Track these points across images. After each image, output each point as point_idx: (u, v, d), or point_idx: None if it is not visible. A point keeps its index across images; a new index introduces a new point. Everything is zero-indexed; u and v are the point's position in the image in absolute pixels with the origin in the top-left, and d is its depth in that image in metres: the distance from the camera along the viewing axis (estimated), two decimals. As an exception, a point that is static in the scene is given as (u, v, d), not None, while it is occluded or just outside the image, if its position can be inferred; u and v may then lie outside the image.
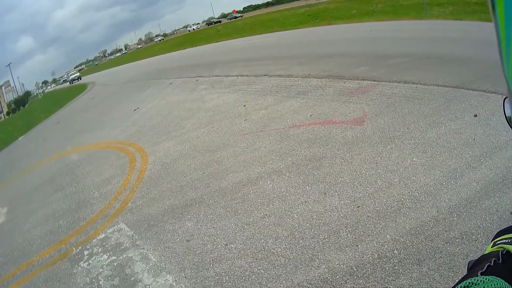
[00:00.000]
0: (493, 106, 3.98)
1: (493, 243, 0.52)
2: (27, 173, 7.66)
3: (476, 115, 3.90)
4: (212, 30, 39.64)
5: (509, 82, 0.36)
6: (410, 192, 2.90)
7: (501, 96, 0.58)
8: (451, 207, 2.60)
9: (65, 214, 4.56)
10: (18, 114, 38.44)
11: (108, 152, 6.66)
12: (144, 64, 26.49)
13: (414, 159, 3.38)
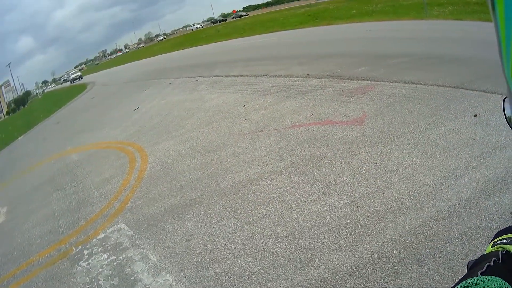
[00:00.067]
0: (493, 106, 3.98)
1: (493, 243, 0.52)
2: (27, 173, 7.65)
3: (476, 115, 3.90)
4: (213, 30, 39.65)
5: (509, 82, 0.36)
6: (410, 192, 2.91)
7: (501, 96, 0.58)
8: (451, 207, 2.61)
9: (65, 214, 4.56)
10: (18, 114, 38.44)
11: (108, 152, 6.66)
12: (144, 64, 26.49)
13: (414, 159, 3.38)
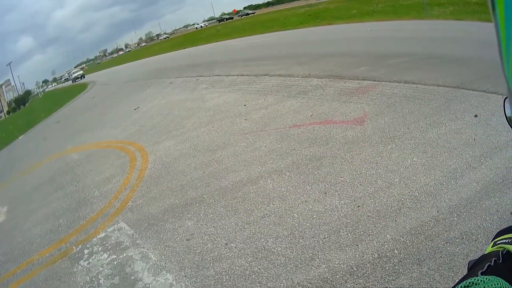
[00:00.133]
0: (494, 106, 3.98)
1: (493, 243, 0.52)
2: (28, 173, 7.66)
3: (477, 115, 3.90)
4: (213, 30, 39.63)
5: (509, 82, 0.36)
6: (410, 192, 2.91)
7: (502, 96, 0.59)
8: (451, 207, 2.61)
9: (65, 213, 4.56)
10: (19, 113, 38.39)
11: (109, 151, 6.67)
12: (145, 64, 26.49)
13: (415, 159, 3.38)
